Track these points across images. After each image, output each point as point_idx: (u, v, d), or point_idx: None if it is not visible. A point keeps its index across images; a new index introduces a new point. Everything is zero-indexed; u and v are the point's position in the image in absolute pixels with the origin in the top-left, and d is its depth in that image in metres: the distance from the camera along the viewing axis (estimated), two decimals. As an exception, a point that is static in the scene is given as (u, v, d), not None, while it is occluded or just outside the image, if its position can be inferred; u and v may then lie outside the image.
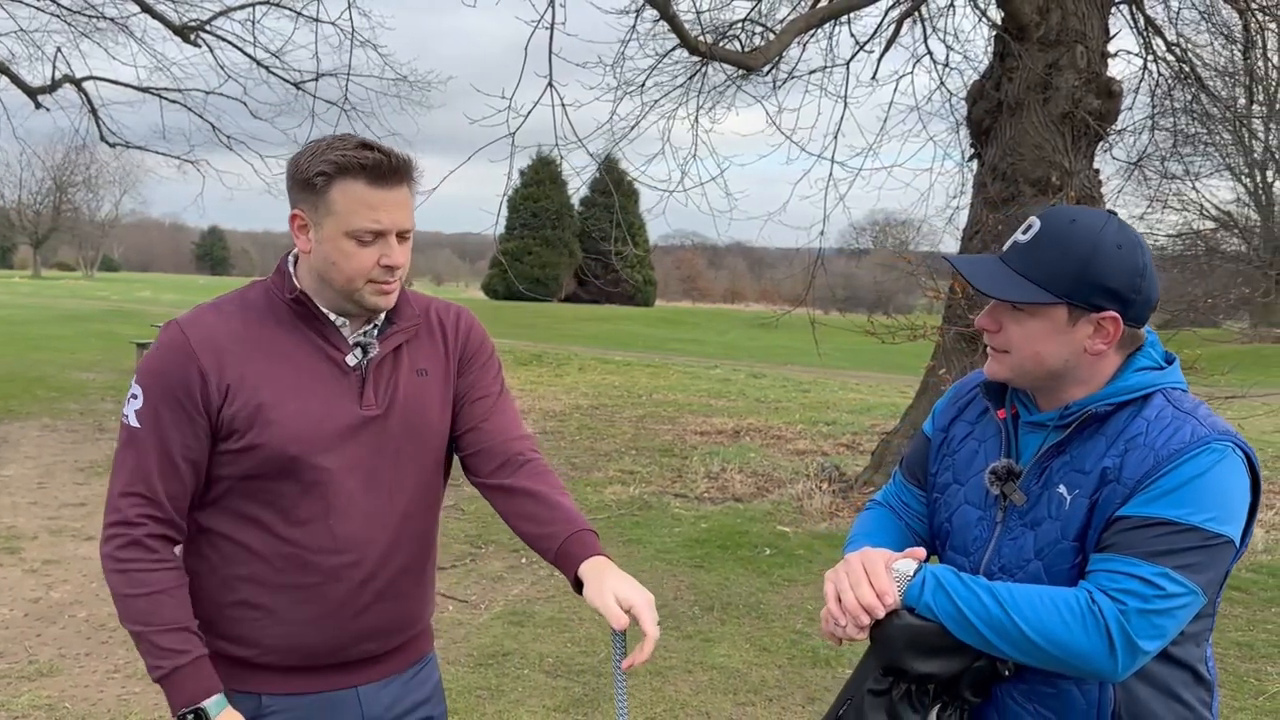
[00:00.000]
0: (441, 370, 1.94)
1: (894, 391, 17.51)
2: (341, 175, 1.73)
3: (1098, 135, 8.32)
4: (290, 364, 1.81)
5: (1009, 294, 1.61)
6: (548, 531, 1.82)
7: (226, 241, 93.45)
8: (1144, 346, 1.69)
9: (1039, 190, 8.11)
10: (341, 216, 1.74)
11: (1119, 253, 1.60)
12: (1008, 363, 1.68)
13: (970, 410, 1.84)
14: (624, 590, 1.69)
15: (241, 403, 1.76)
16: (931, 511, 1.85)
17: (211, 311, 1.85)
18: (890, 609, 1.61)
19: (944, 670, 1.61)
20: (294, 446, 1.77)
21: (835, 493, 8.23)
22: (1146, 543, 1.51)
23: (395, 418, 1.86)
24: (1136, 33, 10.33)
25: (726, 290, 61.72)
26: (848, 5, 7.92)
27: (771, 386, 17.13)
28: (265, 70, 13.52)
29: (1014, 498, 1.67)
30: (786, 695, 4.63)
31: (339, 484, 1.81)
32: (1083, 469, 1.62)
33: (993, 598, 1.55)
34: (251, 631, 1.84)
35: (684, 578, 6.38)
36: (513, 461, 1.91)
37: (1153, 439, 1.57)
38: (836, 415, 13.44)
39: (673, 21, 6.98)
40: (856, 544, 1.81)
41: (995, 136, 8.38)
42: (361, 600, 1.86)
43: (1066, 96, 8.01)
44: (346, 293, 1.79)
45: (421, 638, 2.04)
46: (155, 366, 1.79)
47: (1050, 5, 8.06)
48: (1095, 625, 1.50)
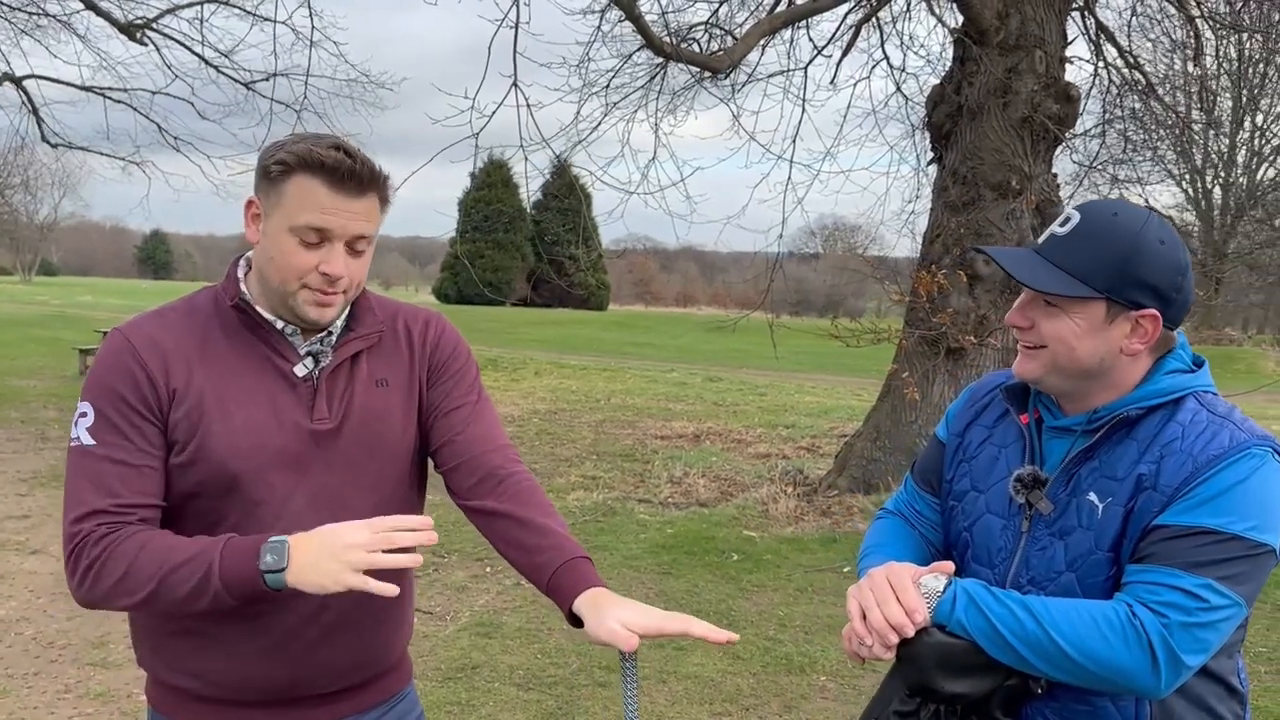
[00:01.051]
0: (405, 381, 1.79)
1: (849, 394, 17.61)
2: (301, 169, 1.61)
3: (1056, 139, 8.40)
4: (235, 374, 1.67)
5: (1049, 286, 1.54)
6: (537, 562, 1.66)
7: (170, 245, 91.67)
8: (1174, 349, 1.63)
9: (999, 194, 8.16)
10: (288, 210, 1.62)
11: (1162, 249, 1.55)
12: (1041, 360, 1.61)
13: (987, 414, 1.78)
14: (629, 616, 1.51)
15: (185, 411, 1.63)
16: (948, 520, 1.78)
17: (153, 318, 1.72)
18: (920, 627, 1.54)
19: (975, 690, 1.55)
20: (236, 463, 1.63)
21: (800, 496, 8.20)
22: (1187, 553, 1.46)
23: (350, 431, 1.71)
24: (1088, 39, 10.47)
25: (679, 294, 61.77)
26: (812, 8, 7.92)
27: (729, 390, 17.13)
28: (214, 70, 13.22)
29: (1040, 506, 1.61)
30: (763, 704, 4.57)
31: (283, 504, 1.66)
32: (1114, 475, 1.55)
33: (1028, 613, 1.49)
34: (196, 662, 1.70)
35: (652, 585, 6.30)
36: (492, 477, 1.75)
37: (1190, 444, 1.52)
38: (795, 418, 13.45)
39: (638, 23, 6.91)
40: (874, 557, 1.75)
41: (956, 140, 8.42)
42: (312, 633, 1.71)
43: (1026, 101, 8.07)
44: (281, 296, 1.66)
45: (391, 675, 1.87)
46: (100, 376, 1.65)
47: (1010, 10, 8.12)
48: (1137, 640, 1.44)
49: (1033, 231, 8.22)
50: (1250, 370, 24.09)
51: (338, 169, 1.60)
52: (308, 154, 1.61)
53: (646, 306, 55.56)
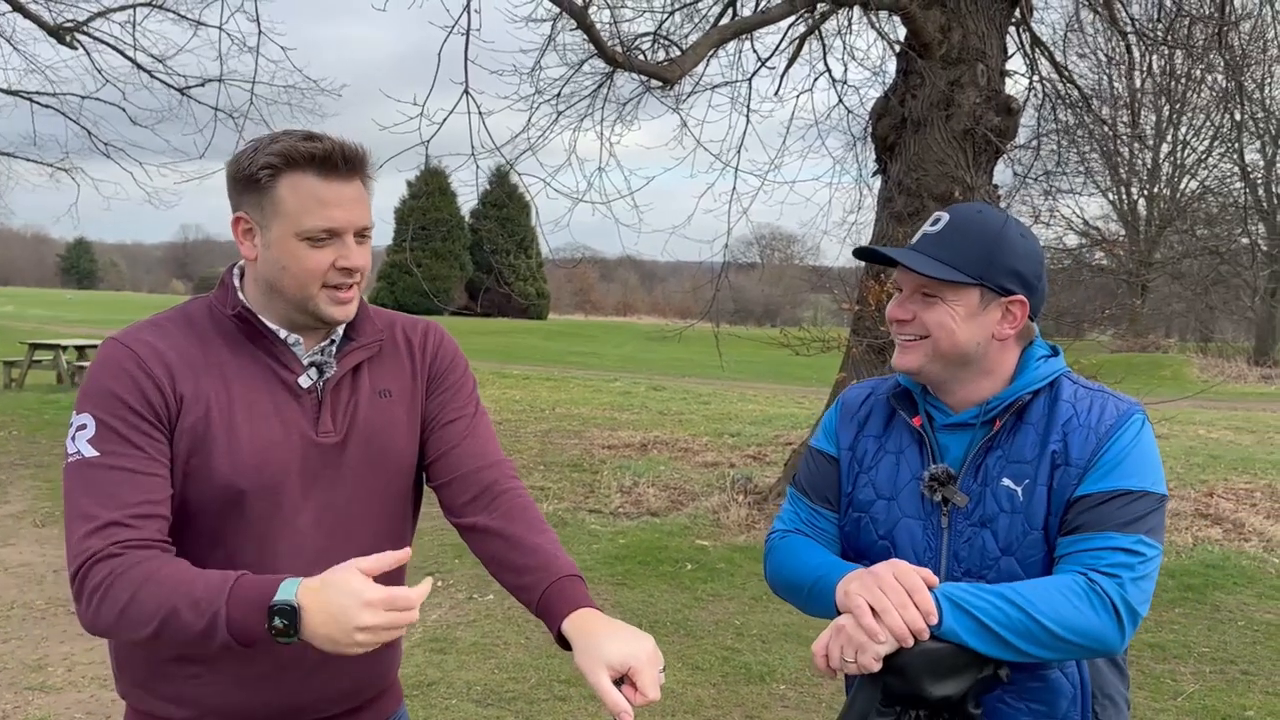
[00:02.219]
0: (408, 391, 1.74)
1: (791, 402, 17.76)
2: (289, 168, 1.55)
3: (997, 151, 8.56)
4: (239, 386, 1.60)
5: (933, 272, 1.66)
6: (524, 582, 1.61)
7: (94, 253, 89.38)
8: (1035, 340, 1.78)
9: (942, 204, 8.24)
10: (291, 216, 1.56)
11: (1024, 241, 1.72)
12: (920, 350, 1.72)
13: (872, 424, 1.84)
14: (617, 654, 1.46)
15: (190, 422, 1.56)
16: (855, 531, 1.81)
17: (150, 329, 1.64)
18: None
19: (958, 690, 1.57)
20: (243, 479, 1.57)
21: (750, 505, 8.24)
22: (1115, 515, 1.60)
23: (355, 445, 1.66)
24: (1023, 53, 10.70)
25: (618, 303, 61.90)
26: (760, 20, 7.98)
27: (673, 398, 17.17)
28: (148, 75, 12.91)
29: (956, 500, 1.69)
30: (724, 714, 4.56)
31: (288, 521, 1.61)
32: (1023, 459, 1.67)
33: (1008, 602, 1.55)
34: (191, 690, 1.63)
35: (607, 596, 6.26)
36: (487, 493, 1.70)
37: (1085, 419, 1.66)
38: (740, 426, 13.52)
39: (590, 32, 6.91)
40: (825, 569, 1.73)
41: (900, 152, 8.54)
42: (311, 658, 1.60)
43: (968, 113, 8.22)
44: (299, 302, 1.60)
45: (386, 696, 1.83)
46: (100, 385, 1.56)
47: (952, 24, 8.26)
48: (1101, 603, 1.55)
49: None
50: (1176, 377, 24.82)
51: (328, 158, 1.55)
52: (292, 151, 1.55)
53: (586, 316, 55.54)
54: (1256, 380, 26.07)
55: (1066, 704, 1.67)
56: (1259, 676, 5.14)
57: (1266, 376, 26.56)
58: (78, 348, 17.41)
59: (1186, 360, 29.27)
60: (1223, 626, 5.94)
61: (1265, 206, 30.93)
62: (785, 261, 50.50)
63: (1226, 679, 5.10)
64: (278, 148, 1.56)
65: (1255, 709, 4.71)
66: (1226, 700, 4.81)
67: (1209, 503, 8.97)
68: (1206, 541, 7.75)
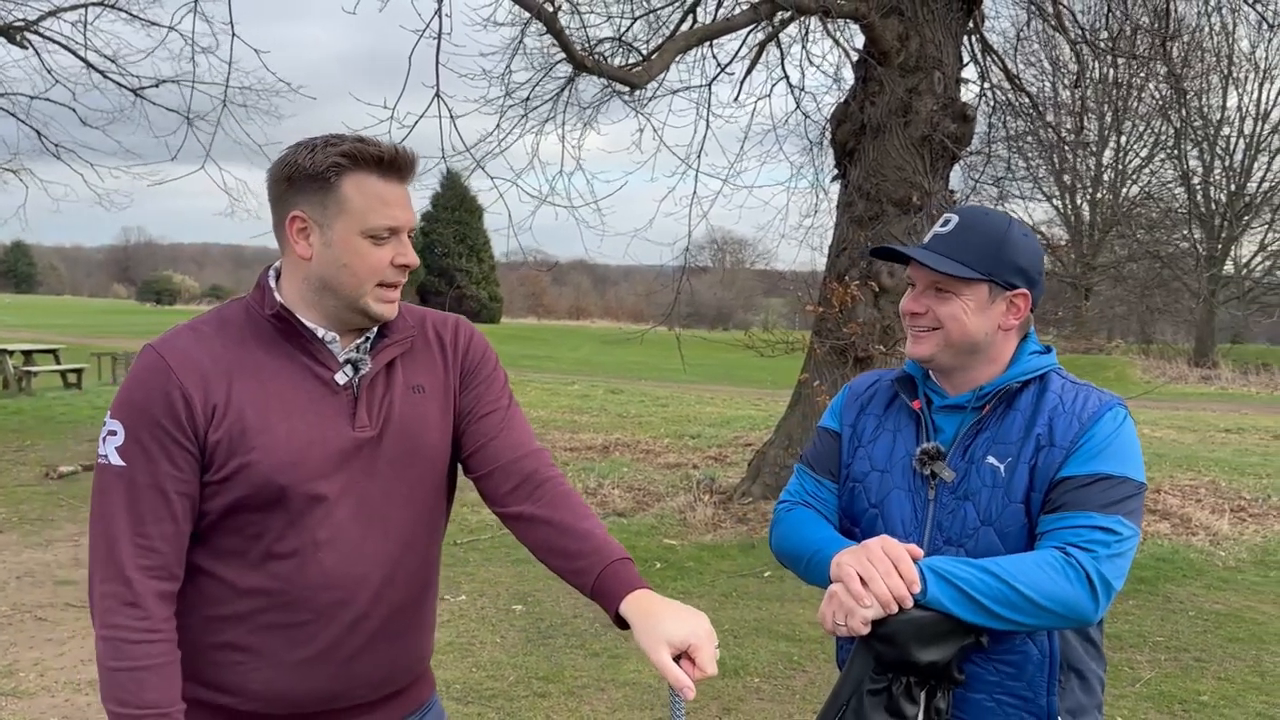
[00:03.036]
0: (440, 386, 1.79)
1: (747, 404, 17.93)
2: (355, 168, 1.61)
3: (953, 157, 8.77)
4: (275, 385, 1.66)
5: (949, 269, 1.80)
6: (578, 566, 1.67)
7: (32, 257, 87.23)
8: (1029, 334, 1.93)
9: (901, 209, 8.48)
10: (356, 214, 1.62)
11: (1025, 239, 1.87)
12: (933, 340, 1.85)
13: (874, 405, 2.00)
14: (678, 632, 1.53)
15: (227, 428, 1.61)
16: (849, 500, 1.96)
17: (187, 332, 1.68)
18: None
19: (943, 656, 1.68)
20: (283, 475, 1.62)
21: (716, 505, 8.35)
22: (1096, 496, 1.72)
23: (390, 439, 1.71)
24: (975, 61, 10.96)
25: (571, 307, 61.82)
26: (726, 27, 8.10)
27: (631, 401, 17.25)
28: (100, 75, 12.72)
29: (944, 474, 1.83)
30: (702, 708, 4.65)
31: (329, 513, 1.66)
32: (1008, 440, 1.81)
33: (989, 574, 1.67)
34: (234, 677, 1.68)
35: (578, 595, 6.29)
36: (529, 482, 1.76)
37: (1070, 407, 1.80)
38: (699, 429, 13.64)
39: (560, 37, 6.97)
40: (823, 544, 1.86)
41: (859, 157, 8.71)
42: (354, 642, 1.70)
43: (925, 120, 8.42)
44: (352, 300, 1.66)
45: (422, 682, 1.89)
46: (133, 395, 1.62)
47: (910, 32, 8.45)
48: (1077, 575, 1.67)
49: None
50: (1120, 378, 25.46)
51: (392, 161, 1.63)
52: (358, 151, 1.61)
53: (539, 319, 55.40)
54: (1197, 381, 26.80)
55: (1033, 669, 1.79)
56: (1211, 663, 5.35)
57: (1206, 377, 27.31)
58: (25, 352, 17.08)
59: (1129, 361, 30.02)
60: (1175, 616, 6.15)
61: (1203, 211, 31.80)
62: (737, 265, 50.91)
63: (1180, 665, 5.31)
64: (343, 148, 1.62)
65: (1209, 694, 4.91)
66: (1182, 686, 5.01)
67: (1157, 499, 9.26)
68: (1156, 536, 8.01)
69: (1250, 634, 5.86)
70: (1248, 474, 11.33)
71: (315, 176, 1.62)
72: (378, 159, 1.62)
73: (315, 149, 1.62)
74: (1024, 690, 1.79)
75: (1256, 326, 35.58)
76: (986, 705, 1.80)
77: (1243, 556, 7.64)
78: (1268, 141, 30.54)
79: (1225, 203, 31.37)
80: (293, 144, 1.69)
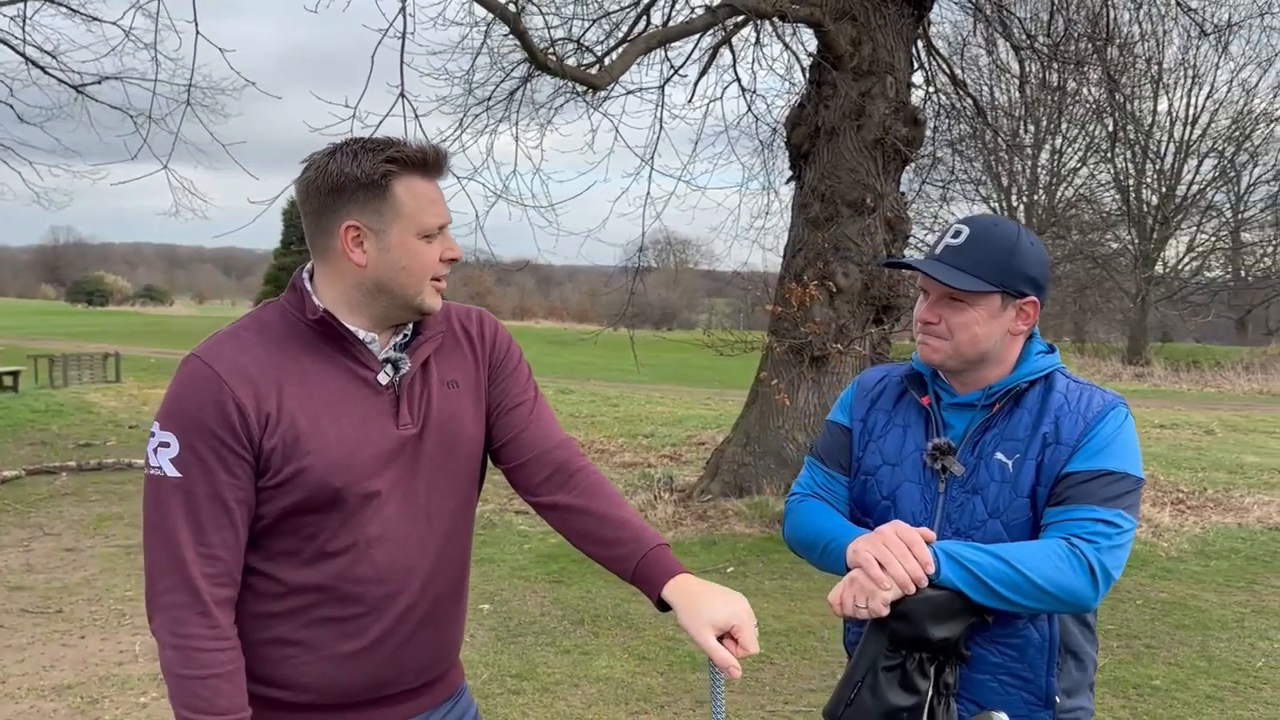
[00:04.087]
0: (472, 380, 1.82)
1: (697, 404, 18.07)
2: (403, 171, 1.64)
3: (905, 160, 8.96)
4: (321, 389, 1.68)
5: (965, 284, 1.87)
6: (617, 554, 1.73)
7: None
8: (1034, 335, 2.00)
9: (855, 211, 8.64)
10: (412, 216, 1.65)
11: (1033, 247, 1.93)
12: (945, 348, 1.92)
13: (884, 400, 2.07)
14: (721, 614, 1.61)
15: (281, 434, 1.63)
16: (861, 492, 2.04)
17: (230, 340, 1.69)
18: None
19: (954, 633, 1.78)
20: (337, 477, 1.65)
21: (675, 502, 8.43)
22: (1099, 491, 1.81)
23: (431, 435, 1.74)
24: (921, 65, 11.19)
25: (515, 307, 61.51)
26: (685, 30, 8.19)
27: (582, 401, 17.29)
28: (40, 70, 12.41)
29: (954, 469, 1.91)
30: (675, 701, 4.72)
31: (379, 510, 1.70)
32: (1016, 437, 1.89)
33: (998, 559, 1.76)
34: (287, 671, 1.71)
35: (545, 593, 6.36)
36: (562, 471, 1.81)
37: (1075, 406, 1.89)
38: (652, 428, 13.73)
39: (523, 38, 6.98)
40: (838, 532, 1.94)
41: (814, 160, 8.86)
42: (403, 632, 1.75)
43: (878, 124, 8.58)
44: (408, 299, 1.69)
45: (455, 670, 1.92)
46: (184, 406, 1.61)
47: (862, 37, 8.61)
48: (1081, 565, 1.76)
49: (885, 246, 8.74)
50: (1056, 375, 25.98)
51: (430, 160, 1.67)
52: (402, 155, 1.64)
53: (483, 320, 54.87)
54: (1130, 379, 27.59)
55: (1034, 652, 1.88)
56: (1160, 649, 5.56)
57: (1140, 375, 28.11)
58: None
59: (1065, 360, 30.68)
60: (1124, 606, 6.37)
61: (1135, 213, 32.70)
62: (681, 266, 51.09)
63: (1132, 652, 5.50)
64: (389, 153, 1.63)
65: (1160, 678, 5.10)
66: (1134, 671, 5.19)
67: (1100, 492, 9.53)
68: (1101, 528, 8.25)
69: (1195, 621, 6.09)
70: (1184, 468, 11.73)
71: (368, 184, 1.63)
72: (421, 160, 1.65)
73: (358, 156, 1.63)
74: (1025, 671, 1.88)
75: (1185, 325, 36.68)
76: (990, 686, 1.89)
77: (1184, 547, 7.92)
78: (1196, 145, 31.53)
79: (1157, 205, 32.29)
80: (319, 154, 1.69)
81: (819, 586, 6.68)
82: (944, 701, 1.80)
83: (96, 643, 5.35)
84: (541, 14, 8.19)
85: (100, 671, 4.94)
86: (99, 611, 5.87)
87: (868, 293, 8.61)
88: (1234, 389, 25.36)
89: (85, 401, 16.32)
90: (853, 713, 1.79)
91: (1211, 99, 31.14)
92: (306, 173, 1.68)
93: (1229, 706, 4.78)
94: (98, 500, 9.07)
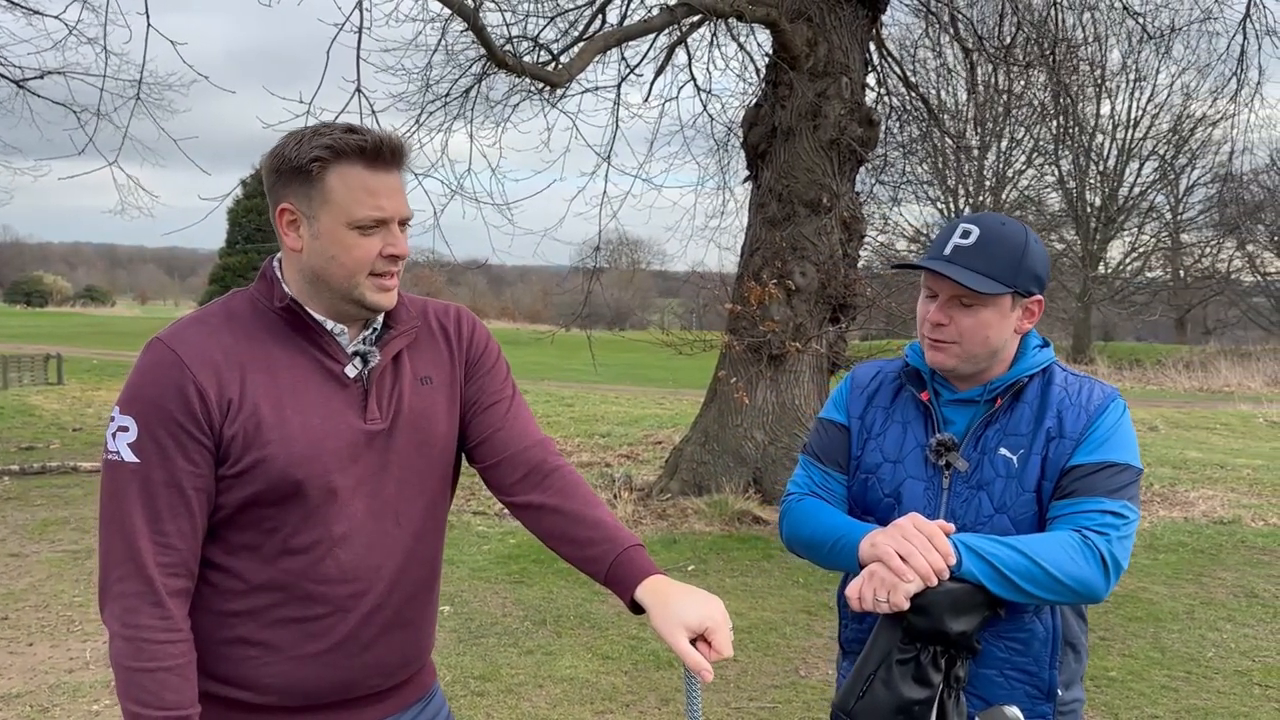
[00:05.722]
0: (447, 377, 1.79)
1: (651, 404, 18.09)
2: (338, 160, 1.59)
3: (860, 160, 9.03)
4: (287, 378, 1.64)
5: (981, 286, 1.86)
6: (591, 554, 1.69)
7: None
8: (1031, 329, 2.01)
9: (811, 210, 8.70)
10: (341, 206, 1.59)
11: (1038, 246, 1.94)
12: (955, 352, 1.92)
13: (880, 398, 2.06)
14: (694, 616, 1.56)
15: (242, 422, 1.59)
16: (861, 490, 2.03)
17: (195, 324, 1.65)
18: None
19: (971, 626, 1.78)
20: (298, 469, 1.61)
21: (635, 501, 8.42)
22: (1104, 483, 1.84)
23: (401, 431, 1.70)
24: (873, 67, 11.30)
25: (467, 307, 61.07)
26: (644, 28, 8.18)
27: (536, 402, 17.20)
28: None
29: (959, 465, 1.91)
30: (640, 700, 4.71)
31: (344, 507, 1.66)
32: (1019, 432, 1.90)
33: (1017, 551, 1.76)
34: (249, 671, 1.66)
35: (506, 594, 6.32)
36: (537, 471, 1.77)
37: (1076, 400, 1.91)
38: (608, 428, 13.71)
39: (481, 34, 6.92)
40: (848, 529, 1.92)
41: (771, 160, 8.90)
42: (369, 633, 1.70)
43: (834, 124, 8.65)
44: (345, 291, 1.65)
45: (425, 672, 1.89)
46: (145, 390, 1.58)
47: (818, 38, 8.67)
48: (1094, 556, 1.77)
49: (841, 245, 8.81)
50: (1004, 373, 26.40)
51: (376, 150, 1.60)
52: (340, 143, 1.59)
53: (433, 320, 54.44)
54: (1074, 376, 28.04)
55: (1039, 645, 1.90)
56: (1115, 641, 5.66)
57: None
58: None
59: (1012, 358, 31.16)
60: (1077, 598, 6.47)
61: (1079, 214, 33.34)
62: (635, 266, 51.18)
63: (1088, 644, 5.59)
64: (325, 140, 1.59)
65: (1116, 669, 5.20)
66: (1091, 663, 5.27)
67: (1051, 488, 9.69)
68: (1053, 523, 8.39)
69: (1147, 613, 6.21)
70: (1130, 463, 11.93)
71: (300, 169, 1.60)
72: (361, 149, 1.59)
73: (302, 140, 1.61)
74: (1030, 665, 1.89)
75: (1127, 324, 37.47)
76: (996, 680, 1.90)
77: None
78: (1138, 148, 32.22)
79: (1100, 206, 32.95)
80: (287, 133, 1.67)
81: (779, 583, 6.71)
82: (954, 695, 1.80)
83: (45, 650, 5.22)
84: (500, 10, 8.14)
85: (50, 679, 4.81)
86: (46, 618, 5.72)
87: (824, 292, 8.66)
88: (1175, 386, 25.96)
89: (27, 404, 15.93)
90: (865, 705, 1.78)
91: (1153, 102, 31.89)
92: (265, 154, 1.67)
93: (1183, 696, 4.88)
94: (42, 504, 8.85)
